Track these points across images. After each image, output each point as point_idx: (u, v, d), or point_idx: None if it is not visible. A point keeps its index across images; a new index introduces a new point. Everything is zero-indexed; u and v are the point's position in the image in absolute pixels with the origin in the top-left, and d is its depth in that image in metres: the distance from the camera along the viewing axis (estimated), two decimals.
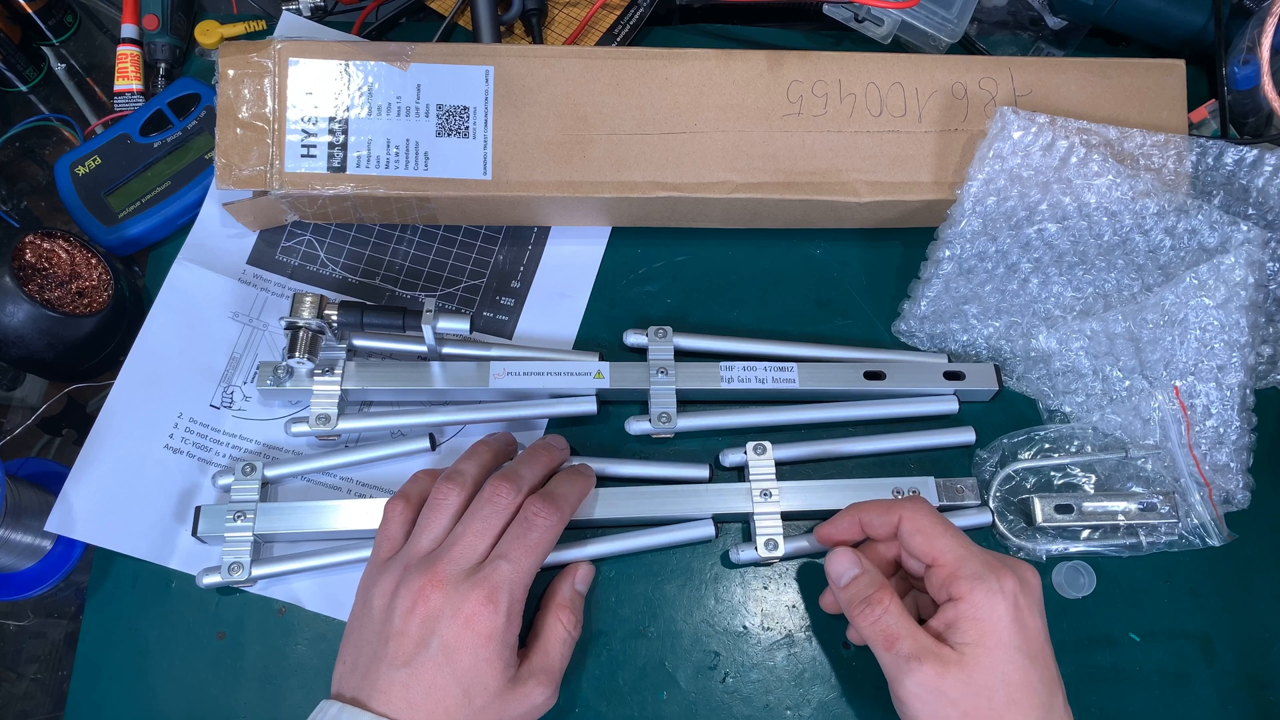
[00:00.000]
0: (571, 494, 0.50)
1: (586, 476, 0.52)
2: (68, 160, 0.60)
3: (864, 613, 0.46)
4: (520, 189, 0.57)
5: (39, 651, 0.54)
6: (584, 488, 0.52)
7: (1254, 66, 0.61)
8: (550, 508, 0.47)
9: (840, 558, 0.49)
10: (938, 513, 0.48)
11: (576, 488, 0.51)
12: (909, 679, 0.43)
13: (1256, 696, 0.55)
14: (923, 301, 0.60)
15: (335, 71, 0.56)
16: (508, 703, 0.44)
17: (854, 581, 0.48)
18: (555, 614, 0.49)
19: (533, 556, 0.46)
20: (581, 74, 0.57)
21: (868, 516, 0.50)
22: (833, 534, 0.52)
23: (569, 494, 0.50)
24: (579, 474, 0.52)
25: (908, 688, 0.44)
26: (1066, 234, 0.59)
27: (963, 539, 0.47)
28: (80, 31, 0.69)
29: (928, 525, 0.47)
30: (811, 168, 0.58)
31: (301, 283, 0.60)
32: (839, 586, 0.48)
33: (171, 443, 0.56)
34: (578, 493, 0.51)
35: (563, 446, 0.54)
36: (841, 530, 0.51)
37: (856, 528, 0.51)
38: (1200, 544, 0.56)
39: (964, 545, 0.46)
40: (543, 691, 0.46)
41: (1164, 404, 0.57)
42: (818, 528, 0.53)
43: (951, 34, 0.64)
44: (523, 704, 0.45)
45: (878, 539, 0.51)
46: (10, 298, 0.52)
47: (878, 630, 0.45)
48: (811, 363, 0.58)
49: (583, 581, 0.52)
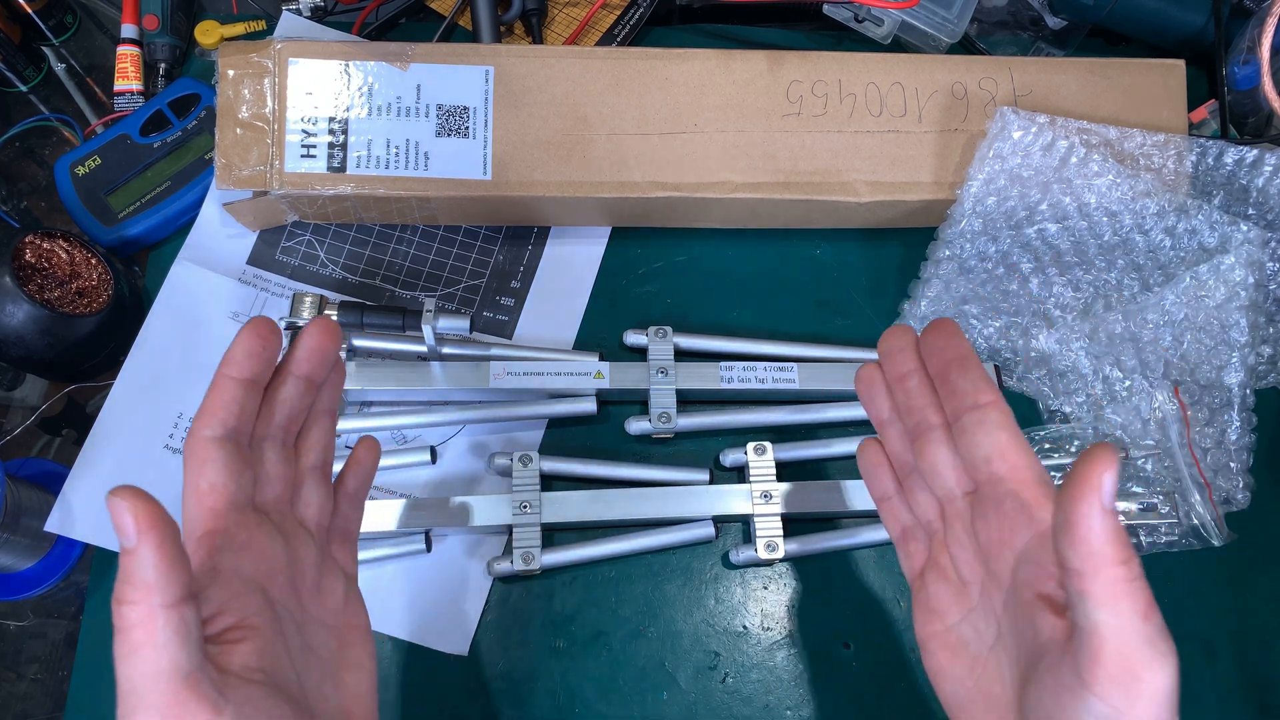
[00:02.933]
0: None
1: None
2: (68, 160, 0.60)
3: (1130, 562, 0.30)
4: (520, 189, 0.57)
5: (39, 651, 0.54)
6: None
7: (1254, 66, 0.61)
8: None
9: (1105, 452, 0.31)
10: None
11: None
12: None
13: (1256, 697, 0.55)
14: (923, 301, 0.60)
15: (335, 71, 0.56)
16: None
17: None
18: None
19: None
20: (581, 74, 0.57)
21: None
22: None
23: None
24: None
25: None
26: (1066, 234, 0.59)
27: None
28: (80, 31, 0.69)
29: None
30: (811, 168, 0.58)
31: (301, 283, 0.60)
32: (1106, 506, 0.30)
33: (171, 443, 0.56)
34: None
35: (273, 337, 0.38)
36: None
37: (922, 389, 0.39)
38: (1200, 544, 0.56)
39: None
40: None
41: (1164, 404, 0.57)
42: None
43: (951, 34, 0.64)
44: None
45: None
46: (10, 298, 0.52)
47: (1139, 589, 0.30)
48: (811, 363, 0.58)
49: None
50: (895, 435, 0.42)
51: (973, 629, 0.38)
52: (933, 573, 0.40)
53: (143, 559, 0.29)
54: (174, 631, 0.29)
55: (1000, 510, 0.36)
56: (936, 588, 0.40)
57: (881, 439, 0.43)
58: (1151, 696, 0.30)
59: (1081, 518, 0.31)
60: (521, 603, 0.55)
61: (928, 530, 0.41)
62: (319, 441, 0.41)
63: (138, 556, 0.29)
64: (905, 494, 0.42)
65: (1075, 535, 0.31)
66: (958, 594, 0.39)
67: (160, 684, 0.29)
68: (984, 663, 0.37)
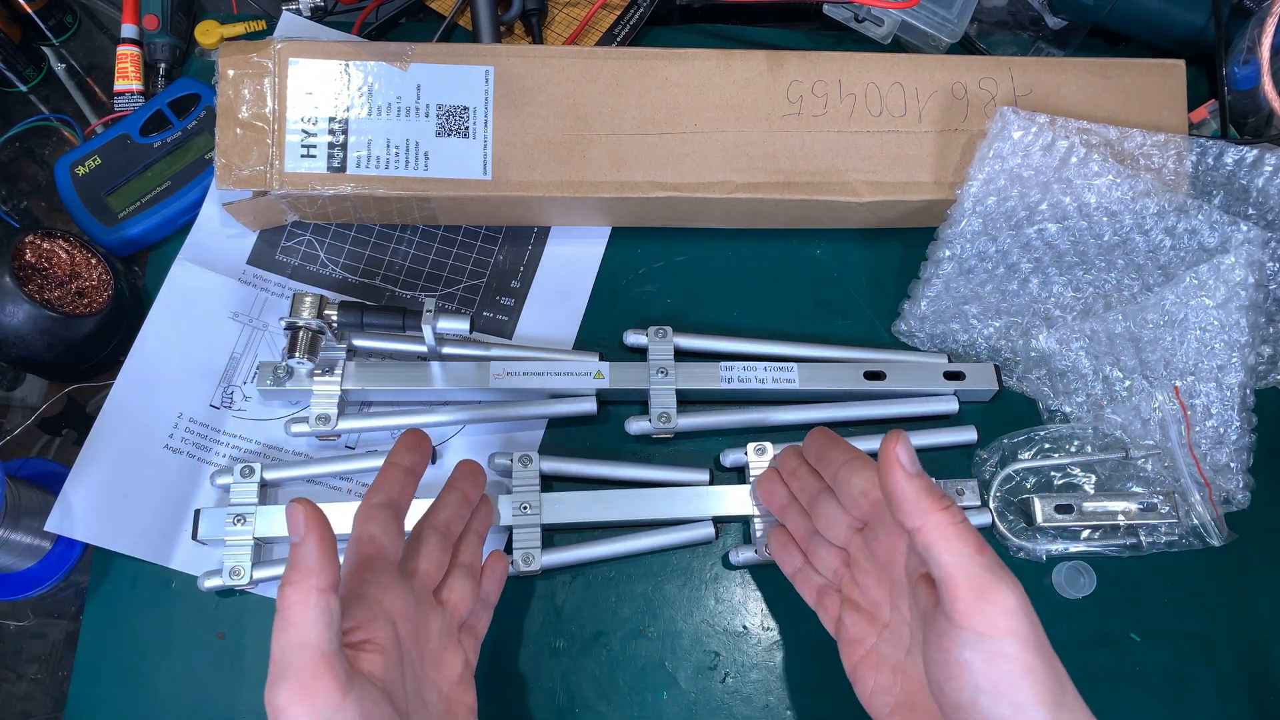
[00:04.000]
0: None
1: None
2: (68, 160, 0.60)
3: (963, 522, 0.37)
4: (520, 189, 0.57)
5: (39, 651, 0.54)
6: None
7: (1254, 66, 0.61)
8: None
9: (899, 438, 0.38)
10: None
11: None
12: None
13: (1256, 697, 0.55)
14: (923, 301, 0.60)
15: (335, 71, 0.56)
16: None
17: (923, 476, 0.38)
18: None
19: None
20: (581, 74, 0.57)
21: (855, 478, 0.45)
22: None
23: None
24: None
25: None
26: (1066, 234, 0.59)
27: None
28: (80, 31, 0.69)
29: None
30: (811, 168, 0.58)
31: (301, 283, 0.60)
32: (908, 470, 0.38)
33: (171, 443, 0.56)
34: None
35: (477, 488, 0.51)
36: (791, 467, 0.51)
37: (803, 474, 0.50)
38: (1200, 544, 0.56)
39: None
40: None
41: (1164, 404, 0.57)
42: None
43: (951, 34, 0.64)
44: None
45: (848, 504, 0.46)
46: (10, 298, 0.52)
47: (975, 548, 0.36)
48: (811, 363, 0.58)
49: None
50: (795, 514, 0.50)
51: (889, 644, 0.44)
52: (846, 609, 0.46)
53: (307, 549, 0.36)
54: (321, 613, 0.35)
55: (884, 525, 0.44)
56: (851, 619, 0.46)
57: (783, 522, 0.52)
58: (1007, 611, 0.36)
59: (895, 486, 0.38)
60: (521, 603, 0.55)
61: (835, 580, 0.48)
62: (471, 549, 0.49)
63: (304, 547, 0.36)
64: (811, 559, 0.49)
65: (896, 500, 0.38)
66: (870, 618, 0.45)
67: (304, 655, 0.35)
68: (903, 667, 0.43)
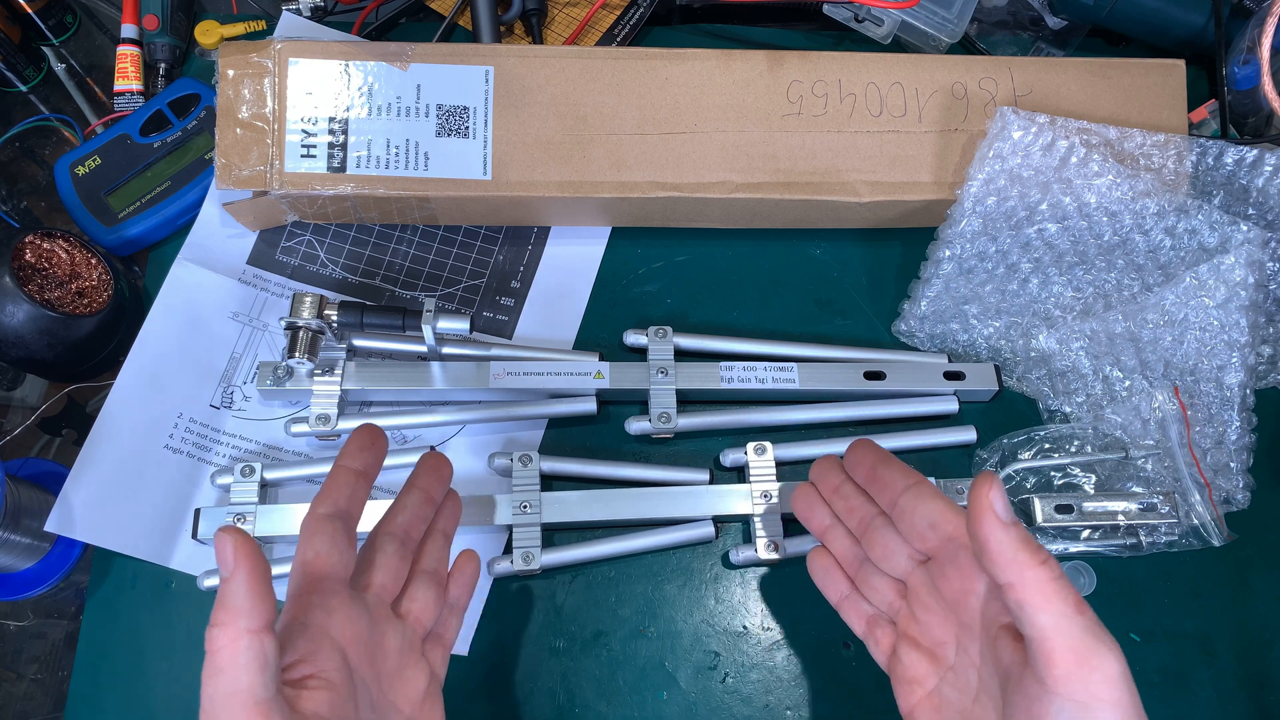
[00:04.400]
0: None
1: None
2: (68, 160, 0.60)
3: (1047, 563, 0.34)
4: (520, 189, 0.57)
5: (39, 651, 0.54)
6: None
7: (1254, 66, 0.61)
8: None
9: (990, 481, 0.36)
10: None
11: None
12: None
13: (1256, 696, 0.55)
14: (923, 301, 0.60)
15: (335, 71, 0.56)
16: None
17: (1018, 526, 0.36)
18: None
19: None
20: (581, 74, 0.57)
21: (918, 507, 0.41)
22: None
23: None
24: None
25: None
26: (1066, 234, 0.59)
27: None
28: (80, 31, 0.69)
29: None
30: (811, 168, 0.58)
31: (301, 283, 0.60)
32: (1003, 519, 0.35)
33: (171, 443, 0.56)
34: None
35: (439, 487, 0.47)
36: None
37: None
38: (1200, 544, 0.56)
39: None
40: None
41: (1164, 404, 0.57)
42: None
43: (951, 34, 0.64)
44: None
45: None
46: (10, 298, 0.52)
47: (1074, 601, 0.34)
48: (811, 363, 0.58)
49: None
50: (839, 537, 0.47)
51: (953, 688, 0.41)
52: (904, 645, 0.43)
53: (236, 586, 0.33)
54: (254, 656, 0.32)
55: (957, 563, 0.40)
56: (910, 658, 0.43)
57: (826, 545, 0.48)
58: (1108, 680, 0.33)
59: (988, 535, 0.35)
60: (521, 603, 0.55)
61: (890, 612, 0.45)
62: (435, 553, 0.46)
63: (232, 583, 0.33)
64: (861, 587, 0.46)
65: (989, 552, 0.35)
66: (932, 658, 0.42)
67: (234, 705, 0.31)
68: (970, 713, 0.40)
